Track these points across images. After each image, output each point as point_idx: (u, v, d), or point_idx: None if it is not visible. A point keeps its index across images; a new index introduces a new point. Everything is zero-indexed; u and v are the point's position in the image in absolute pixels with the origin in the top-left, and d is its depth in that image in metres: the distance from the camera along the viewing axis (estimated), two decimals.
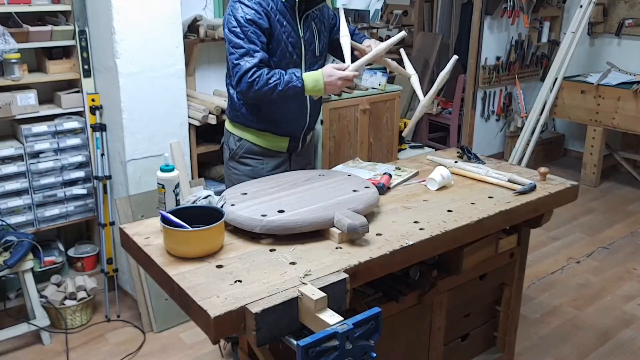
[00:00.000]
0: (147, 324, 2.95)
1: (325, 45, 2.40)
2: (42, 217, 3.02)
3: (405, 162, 2.48)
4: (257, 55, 2.11)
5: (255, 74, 2.10)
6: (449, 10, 5.86)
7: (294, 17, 2.23)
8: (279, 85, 2.10)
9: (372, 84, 3.88)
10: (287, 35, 2.21)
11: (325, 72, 2.11)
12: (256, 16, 2.12)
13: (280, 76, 2.11)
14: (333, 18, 2.47)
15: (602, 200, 4.71)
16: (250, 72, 2.10)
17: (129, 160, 2.90)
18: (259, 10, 2.13)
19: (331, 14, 2.47)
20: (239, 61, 2.12)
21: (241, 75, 2.12)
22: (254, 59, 2.11)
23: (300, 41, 2.27)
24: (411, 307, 2.01)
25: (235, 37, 2.13)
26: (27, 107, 2.90)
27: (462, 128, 5.35)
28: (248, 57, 2.11)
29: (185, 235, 1.57)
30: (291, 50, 2.24)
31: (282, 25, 2.20)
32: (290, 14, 2.22)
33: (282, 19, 2.20)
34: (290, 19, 2.22)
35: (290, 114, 2.34)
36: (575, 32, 4.80)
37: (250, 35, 2.11)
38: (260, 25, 2.13)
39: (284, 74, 2.12)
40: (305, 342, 1.20)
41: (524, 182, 2.12)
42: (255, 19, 2.12)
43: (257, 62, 2.10)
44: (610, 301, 3.26)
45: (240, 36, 2.12)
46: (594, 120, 4.87)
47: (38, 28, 2.84)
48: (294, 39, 2.24)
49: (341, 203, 1.78)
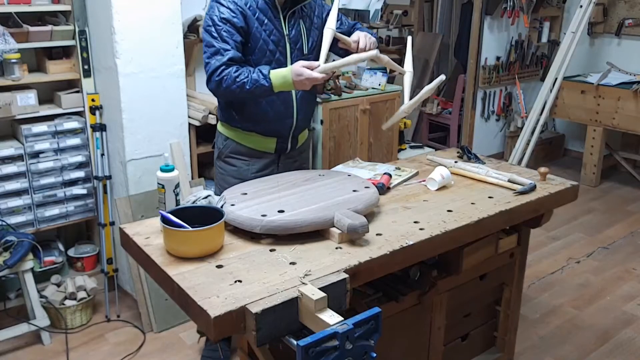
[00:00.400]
0: (147, 324, 2.95)
1: (316, 42, 2.33)
2: (42, 217, 3.02)
3: (405, 162, 2.48)
4: (227, 53, 2.09)
5: (223, 72, 2.08)
6: (449, 10, 5.87)
7: (276, 15, 2.20)
8: (246, 83, 2.07)
9: (372, 84, 3.88)
10: (268, 33, 2.18)
11: (294, 70, 2.03)
12: (230, 14, 2.10)
13: (248, 74, 2.07)
14: (322, 13, 2.39)
15: (602, 200, 4.71)
16: (218, 70, 2.09)
17: (129, 160, 2.90)
18: (234, 9, 2.11)
19: (327, 8, 2.38)
20: (209, 59, 2.12)
21: (210, 73, 2.11)
22: (224, 57, 2.09)
23: (285, 39, 2.23)
24: (411, 307, 2.01)
25: (208, 36, 2.12)
26: (27, 107, 2.90)
27: (462, 128, 5.35)
28: (218, 56, 2.09)
29: (185, 235, 1.57)
30: (273, 48, 2.20)
31: (262, 24, 2.17)
32: (273, 12, 2.19)
33: (263, 17, 2.17)
34: (272, 17, 2.18)
35: (275, 113, 2.29)
36: (575, 32, 4.80)
37: (223, 34, 2.10)
38: (235, 23, 2.11)
39: (252, 71, 2.08)
40: (305, 342, 1.20)
41: (524, 182, 2.12)
42: (229, 18, 2.10)
43: (226, 61, 2.08)
44: (610, 301, 3.26)
45: (213, 35, 2.11)
46: (594, 120, 4.87)
47: (38, 28, 2.84)
48: (276, 37, 2.20)
49: (341, 203, 1.78)
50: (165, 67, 2.90)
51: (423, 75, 5.66)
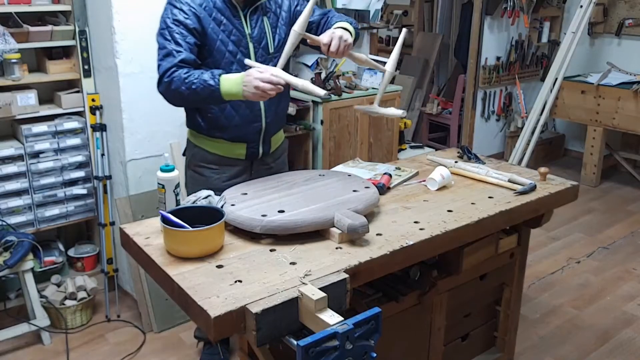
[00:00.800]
0: (147, 324, 2.95)
1: (282, 40, 2.19)
2: (42, 217, 3.02)
3: (405, 162, 2.48)
4: (180, 55, 1.99)
5: (173, 73, 1.98)
6: (449, 10, 5.87)
7: (236, 13, 2.10)
8: (195, 84, 1.94)
9: (372, 84, 3.88)
10: (227, 34, 2.08)
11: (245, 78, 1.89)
12: (183, 16, 2.02)
13: (199, 75, 1.95)
14: (297, 5, 2.25)
15: (602, 200, 4.71)
16: (169, 72, 1.98)
17: (129, 160, 2.90)
18: (186, 11, 2.03)
19: (294, 2, 2.25)
20: (160, 62, 2.02)
21: (161, 75, 2.02)
22: (175, 59, 1.99)
23: (247, 38, 2.12)
24: (411, 307, 2.01)
25: (161, 39, 2.04)
26: (27, 107, 2.90)
27: (462, 128, 5.36)
28: (170, 58, 2.00)
29: (185, 236, 1.57)
30: (233, 49, 2.09)
31: (220, 24, 2.07)
32: (232, 10, 2.09)
33: (221, 17, 2.07)
34: (231, 16, 2.09)
35: (241, 117, 2.17)
36: (576, 32, 4.80)
37: (176, 36, 2.01)
38: (187, 25, 2.02)
39: (203, 73, 1.95)
40: (305, 342, 1.20)
41: (524, 182, 2.12)
42: (182, 19, 2.02)
43: (177, 62, 1.98)
44: (610, 301, 3.26)
45: (166, 37, 2.02)
46: (594, 120, 4.87)
47: (38, 28, 2.84)
48: (236, 36, 2.10)
49: (341, 203, 1.78)
50: None
51: (423, 75, 5.66)
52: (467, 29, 5.25)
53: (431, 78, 5.78)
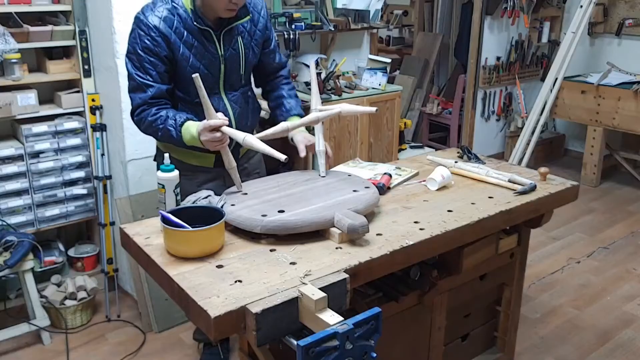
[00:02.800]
0: (147, 324, 2.95)
1: (252, 62, 2.19)
2: (43, 217, 3.02)
3: (405, 162, 2.48)
4: (150, 90, 1.96)
5: (142, 113, 1.98)
6: (449, 10, 5.87)
7: (208, 36, 2.02)
8: (159, 131, 1.97)
9: (372, 84, 3.88)
10: (198, 57, 2.02)
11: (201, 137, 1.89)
12: (152, 44, 1.95)
13: (163, 122, 1.95)
14: (268, 29, 2.22)
15: (602, 201, 4.71)
16: (138, 110, 1.99)
17: (129, 160, 2.90)
18: (155, 37, 1.95)
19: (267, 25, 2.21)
20: (131, 94, 2.01)
21: (131, 111, 2.02)
22: (145, 95, 1.97)
23: (219, 60, 2.07)
24: (411, 307, 2.01)
25: (130, 65, 1.99)
26: (28, 107, 2.90)
27: (462, 128, 5.35)
28: (140, 93, 1.98)
29: (185, 235, 1.57)
30: (203, 72, 2.02)
31: (191, 47, 2.00)
32: (204, 33, 2.02)
33: (192, 40, 2.00)
34: (203, 38, 2.01)
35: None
36: (576, 32, 4.80)
37: (146, 65, 1.96)
38: (158, 53, 1.96)
39: (168, 118, 1.95)
40: (305, 342, 1.20)
41: (524, 182, 2.12)
42: (151, 47, 1.95)
43: (147, 99, 1.97)
44: (610, 301, 3.26)
45: (135, 65, 1.97)
46: (594, 121, 4.87)
47: (38, 28, 2.85)
48: (207, 60, 2.04)
49: (341, 203, 1.78)
50: None
51: (423, 75, 5.66)
52: (467, 29, 5.25)
53: (431, 78, 5.78)
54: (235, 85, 2.18)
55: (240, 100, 2.20)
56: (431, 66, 5.68)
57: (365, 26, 4.15)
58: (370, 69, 3.90)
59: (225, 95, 2.16)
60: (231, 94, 2.17)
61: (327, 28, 3.86)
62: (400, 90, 4.02)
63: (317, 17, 3.90)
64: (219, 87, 2.13)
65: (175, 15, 1.98)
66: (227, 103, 2.16)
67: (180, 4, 2.00)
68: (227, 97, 2.17)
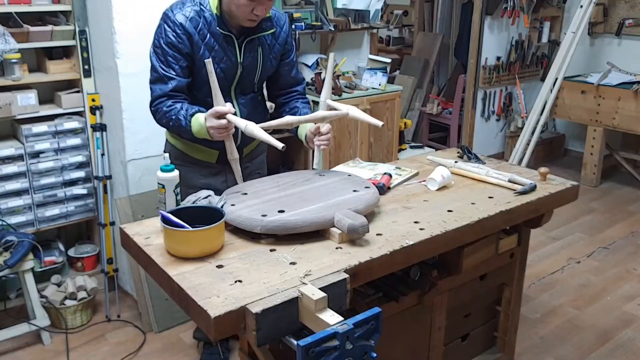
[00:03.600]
0: (147, 324, 2.95)
1: (268, 72, 2.25)
2: (43, 217, 3.02)
3: (405, 162, 2.48)
4: (170, 83, 2.04)
5: (159, 104, 2.05)
6: (449, 10, 5.87)
7: (230, 41, 2.09)
8: (172, 121, 2.03)
9: (372, 84, 3.88)
10: (217, 60, 2.06)
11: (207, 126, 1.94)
12: (177, 40, 2.02)
13: (176, 112, 2.01)
14: (288, 44, 2.27)
15: (602, 201, 4.71)
16: (156, 101, 2.06)
17: (129, 160, 2.90)
18: (180, 34, 2.02)
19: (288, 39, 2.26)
20: (151, 85, 2.08)
21: (150, 101, 2.09)
22: (165, 87, 2.04)
23: (237, 66, 2.13)
24: (411, 307, 2.01)
25: (154, 58, 2.06)
26: (28, 107, 2.90)
27: (462, 128, 5.35)
28: (161, 84, 2.05)
29: (185, 235, 1.57)
30: (220, 74, 2.07)
31: (212, 50, 2.06)
32: (226, 38, 2.08)
33: (213, 43, 2.06)
34: (224, 43, 2.08)
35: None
36: (576, 32, 4.80)
37: (169, 59, 2.04)
38: (181, 50, 2.03)
39: (181, 109, 2.01)
40: (305, 342, 1.20)
41: (524, 182, 2.12)
42: (176, 43, 2.02)
43: (168, 92, 2.04)
44: (610, 301, 3.26)
45: (160, 58, 2.05)
46: (594, 121, 4.87)
47: (38, 28, 2.85)
48: (226, 64, 2.10)
49: (341, 203, 1.78)
50: None
51: (423, 75, 5.66)
52: (467, 29, 5.25)
53: (431, 78, 5.78)
54: (246, 91, 2.23)
55: (249, 104, 2.25)
56: (431, 66, 5.68)
57: (365, 26, 4.15)
58: (370, 69, 3.90)
59: (236, 98, 2.21)
60: (241, 98, 2.23)
61: (327, 28, 3.86)
62: (400, 90, 4.02)
63: (317, 17, 3.90)
64: (230, 90, 2.18)
65: (201, 17, 2.05)
66: (236, 105, 2.20)
67: (208, 7, 2.07)
68: (237, 100, 2.22)
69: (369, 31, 4.38)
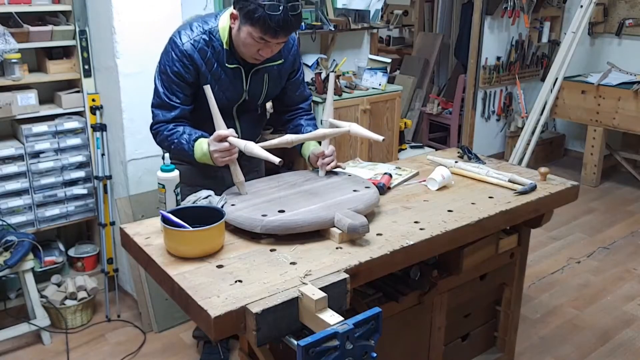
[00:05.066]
0: (148, 324, 2.95)
1: (274, 94, 2.26)
2: (43, 217, 3.02)
3: (405, 162, 2.48)
4: (173, 111, 2.05)
5: (160, 127, 2.06)
6: (449, 10, 5.87)
7: (237, 71, 2.08)
8: (173, 145, 2.03)
9: (372, 84, 3.88)
10: (222, 89, 2.07)
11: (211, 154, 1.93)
12: (183, 70, 2.01)
13: (178, 137, 2.02)
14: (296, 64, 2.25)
15: (603, 201, 4.71)
16: (157, 125, 2.07)
17: (130, 160, 2.90)
18: (187, 64, 2.01)
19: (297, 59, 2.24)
20: (154, 109, 2.08)
21: (151, 124, 2.10)
22: (168, 115, 2.05)
23: (243, 94, 2.14)
24: (411, 307, 2.01)
25: (159, 82, 2.07)
26: (28, 107, 2.90)
27: (462, 128, 5.35)
28: (163, 110, 2.05)
29: (185, 235, 1.57)
30: (223, 103, 2.07)
31: (219, 79, 2.06)
32: (234, 69, 2.07)
33: (220, 72, 2.06)
34: (231, 73, 2.07)
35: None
36: (576, 32, 4.79)
37: (174, 87, 2.04)
38: (186, 79, 2.03)
39: (184, 134, 2.01)
40: (305, 342, 1.20)
41: (525, 182, 2.12)
42: (182, 73, 2.02)
43: (170, 119, 2.05)
44: (610, 301, 3.26)
45: (164, 84, 2.05)
46: (594, 121, 4.87)
47: (38, 28, 2.84)
48: (230, 92, 2.11)
49: (341, 203, 1.78)
50: None
51: (423, 75, 5.66)
52: (467, 29, 5.25)
53: (431, 78, 5.78)
54: (249, 110, 2.24)
55: (250, 119, 2.26)
56: (431, 66, 5.68)
57: (365, 26, 4.15)
58: (371, 69, 3.90)
59: (238, 117, 2.22)
60: (243, 116, 2.23)
61: (327, 28, 3.87)
62: (400, 90, 4.02)
63: (317, 17, 3.90)
64: (232, 110, 2.18)
65: (209, 47, 2.03)
66: (237, 123, 2.21)
67: (217, 37, 2.04)
68: (239, 118, 2.22)
69: (369, 31, 4.38)
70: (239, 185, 1.93)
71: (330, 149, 2.13)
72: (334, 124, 2.13)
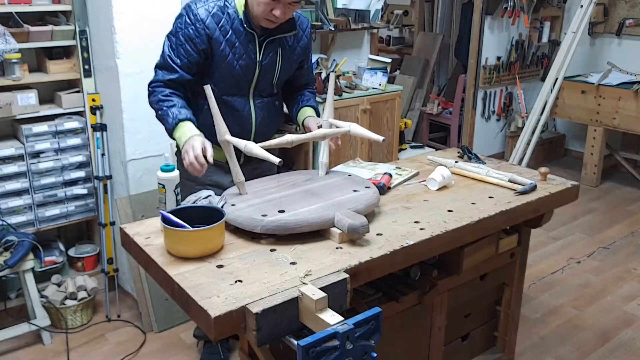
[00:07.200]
0: (148, 324, 2.95)
1: (287, 73, 2.26)
2: (43, 217, 3.02)
3: (405, 162, 2.48)
4: (173, 74, 2.06)
5: (156, 88, 2.07)
6: (449, 10, 5.87)
7: (251, 39, 2.10)
8: (158, 110, 2.05)
9: (372, 83, 3.88)
10: (237, 57, 2.09)
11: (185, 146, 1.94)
12: (195, 34, 2.03)
13: (167, 107, 2.02)
14: (307, 48, 2.29)
15: (603, 200, 4.71)
16: (154, 84, 2.08)
17: (130, 160, 2.90)
18: (200, 29, 2.03)
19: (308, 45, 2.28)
20: (156, 68, 2.10)
21: (150, 81, 2.11)
22: (168, 75, 2.06)
23: (256, 65, 2.14)
24: (411, 307, 2.01)
25: (166, 44, 2.08)
26: (28, 107, 2.90)
27: (462, 128, 5.35)
28: (165, 71, 2.07)
29: (185, 235, 1.57)
30: (238, 72, 2.11)
31: (233, 46, 2.07)
32: (248, 36, 2.09)
33: (235, 39, 2.07)
34: (245, 40, 2.09)
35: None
36: (576, 32, 4.80)
37: (180, 50, 2.05)
38: (196, 44, 2.04)
39: (173, 106, 2.02)
40: (305, 342, 1.20)
41: (525, 182, 2.12)
42: (193, 37, 2.04)
43: (167, 80, 2.06)
44: (610, 301, 3.26)
45: (172, 46, 2.06)
46: (594, 120, 4.87)
47: (38, 28, 2.84)
48: (245, 62, 2.11)
49: (341, 203, 1.78)
50: None
51: (423, 75, 5.66)
52: (467, 29, 5.25)
53: (431, 78, 5.78)
54: (264, 92, 2.24)
55: (266, 108, 2.26)
56: (431, 66, 5.67)
57: (365, 26, 4.15)
58: (371, 69, 3.90)
59: (253, 100, 2.22)
60: (259, 100, 2.23)
61: (328, 28, 3.87)
62: (400, 90, 4.02)
63: (317, 16, 3.90)
64: (249, 91, 2.19)
65: (224, 13, 2.06)
66: (252, 108, 2.21)
67: (232, 4, 2.07)
68: (254, 102, 2.22)
69: (369, 31, 4.38)
70: (239, 185, 1.93)
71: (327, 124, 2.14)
72: (334, 124, 2.13)
